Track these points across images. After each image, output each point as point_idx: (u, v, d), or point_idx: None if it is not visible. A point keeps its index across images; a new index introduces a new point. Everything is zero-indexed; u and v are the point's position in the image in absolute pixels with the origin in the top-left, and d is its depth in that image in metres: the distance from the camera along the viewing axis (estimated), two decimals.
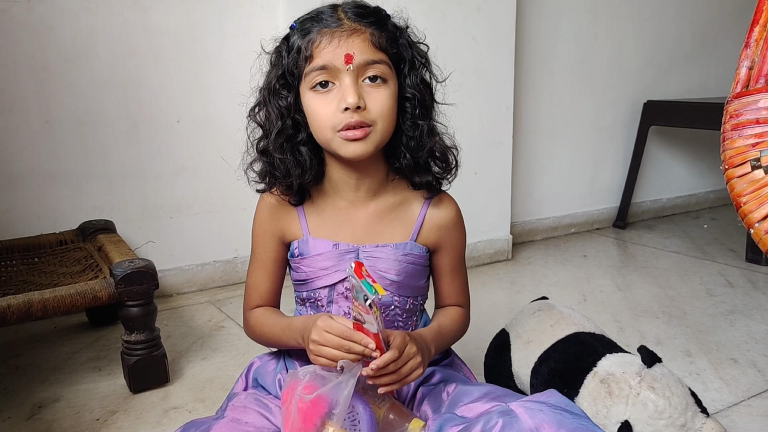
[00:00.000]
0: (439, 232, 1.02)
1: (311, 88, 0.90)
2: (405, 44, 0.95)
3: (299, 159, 0.95)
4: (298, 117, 0.94)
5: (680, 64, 2.82)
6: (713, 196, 3.08)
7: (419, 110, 0.95)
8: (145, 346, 1.31)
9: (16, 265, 1.51)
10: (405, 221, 1.01)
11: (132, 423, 1.22)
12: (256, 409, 0.96)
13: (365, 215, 1.00)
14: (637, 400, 0.99)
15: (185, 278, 1.95)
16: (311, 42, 0.89)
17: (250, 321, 1.06)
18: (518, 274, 2.11)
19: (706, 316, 1.71)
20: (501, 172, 2.21)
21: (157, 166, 1.85)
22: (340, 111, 0.88)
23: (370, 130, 0.90)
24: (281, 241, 1.03)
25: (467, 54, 2.04)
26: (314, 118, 0.92)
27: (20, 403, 1.30)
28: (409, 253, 0.99)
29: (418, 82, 0.95)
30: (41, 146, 1.70)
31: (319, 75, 0.89)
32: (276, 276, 1.05)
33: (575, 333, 1.15)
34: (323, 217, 1.01)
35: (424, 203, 1.02)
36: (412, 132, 0.96)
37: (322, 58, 0.88)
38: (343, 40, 0.87)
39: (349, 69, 0.88)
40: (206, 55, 1.85)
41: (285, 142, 0.94)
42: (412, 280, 1.01)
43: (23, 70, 1.65)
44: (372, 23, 0.90)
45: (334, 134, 0.90)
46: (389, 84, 0.91)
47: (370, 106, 0.89)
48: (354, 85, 0.88)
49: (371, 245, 0.99)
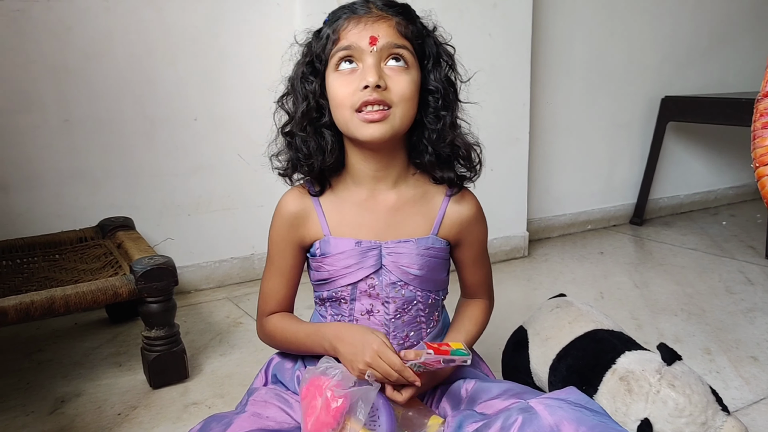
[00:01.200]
0: (461, 228, 1.03)
1: (335, 69, 0.93)
2: (431, 43, 0.97)
3: (321, 142, 0.97)
4: (323, 101, 0.97)
5: (698, 59, 2.79)
6: (732, 193, 3.05)
7: (442, 102, 0.97)
8: (164, 342, 1.33)
9: (37, 262, 1.53)
10: (426, 215, 1.02)
11: (152, 418, 1.23)
12: (277, 404, 0.97)
13: (386, 207, 1.00)
14: (657, 397, 0.99)
15: (203, 275, 1.96)
16: (339, 26, 0.92)
17: (267, 327, 1.05)
18: (535, 271, 2.10)
19: (726, 313, 1.70)
20: (517, 168, 2.21)
21: (174, 164, 1.87)
22: (360, 89, 0.90)
23: (389, 112, 0.91)
24: (300, 247, 1.03)
25: (484, 51, 2.04)
26: (334, 97, 0.93)
27: (43, 397, 1.32)
28: (431, 247, 1.00)
29: (443, 78, 0.97)
30: (60, 145, 1.72)
31: (344, 53, 0.92)
32: (293, 282, 1.06)
33: (594, 330, 1.15)
34: (343, 212, 1.01)
35: (445, 198, 1.03)
36: (434, 125, 0.97)
37: (347, 39, 0.91)
38: (369, 24, 0.91)
39: (372, 50, 0.90)
40: (223, 54, 1.86)
41: (308, 124, 0.97)
42: (434, 273, 1.01)
43: (42, 70, 1.66)
44: (399, 13, 0.93)
45: (353, 114, 0.91)
46: (411, 70, 0.93)
47: (391, 86, 0.91)
48: (376, 66, 0.90)
49: (393, 241, 0.99)
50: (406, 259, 0.98)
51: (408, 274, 0.98)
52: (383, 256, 0.98)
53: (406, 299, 1.00)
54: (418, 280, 0.99)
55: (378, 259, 0.99)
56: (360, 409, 0.84)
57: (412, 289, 1.00)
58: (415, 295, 1.00)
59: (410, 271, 0.98)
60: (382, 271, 0.99)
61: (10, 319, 1.18)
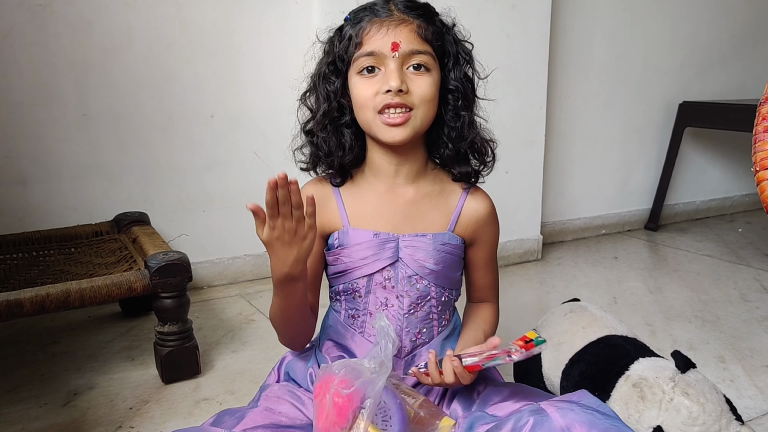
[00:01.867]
0: (476, 226, 1.03)
1: (358, 73, 0.95)
2: (450, 40, 0.99)
3: (342, 140, 1.00)
4: (344, 101, 0.99)
5: (717, 64, 2.77)
6: (748, 200, 3.02)
7: (461, 101, 0.99)
8: (177, 337, 1.33)
9: (53, 255, 1.54)
10: (443, 210, 1.02)
11: (164, 412, 1.24)
12: (290, 400, 0.97)
13: (404, 201, 1.01)
14: (671, 405, 0.98)
15: (216, 271, 1.97)
16: (362, 29, 0.94)
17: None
18: (548, 275, 2.09)
19: (741, 321, 1.68)
20: (532, 171, 2.20)
21: (190, 160, 1.87)
22: (382, 92, 0.92)
23: (411, 114, 0.94)
24: (320, 236, 1.03)
25: (501, 52, 2.03)
26: (357, 99, 0.96)
27: (56, 389, 1.33)
28: (447, 242, 1.01)
29: (462, 76, 0.99)
30: (78, 139, 1.73)
31: (367, 60, 0.94)
32: (315, 271, 1.04)
33: (607, 336, 1.14)
34: (362, 204, 1.02)
35: (462, 194, 1.04)
36: (453, 123, 0.99)
37: (370, 45, 0.93)
38: (391, 29, 0.92)
39: (394, 56, 0.92)
40: (241, 51, 1.87)
41: (330, 123, 0.99)
42: (449, 270, 1.02)
43: (62, 64, 1.68)
44: (420, 15, 0.94)
45: (375, 116, 0.94)
46: (432, 73, 0.95)
47: (413, 90, 0.93)
48: (398, 70, 0.92)
49: (410, 235, 1.00)
50: (422, 254, 0.99)
51: (424, 268, 0.99)
52: (400, 248, 0.99)
53: (421, 294, 1.00)
54: (433, 275, 1.00)
55: (395, 251, 0.99)
56: (369, 406, 0.84)
57: (426, 284, 1.00)
58: (429, 291, 1.00)
59: (426, 266, 0.99)
60: (398, 263, 0.99)
61: (26, 311, 1.19)
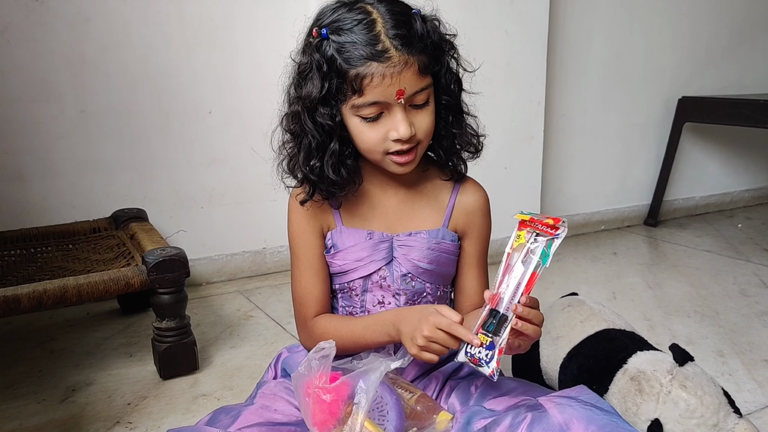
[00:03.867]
0: (467, 218, 1.02)
1: (356, 115, 0.89)
2: (440, 47, 0.92)
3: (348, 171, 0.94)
4: (345, 134, 0.93)
5: (717, 59, 2.76)
6: (748, 195, 3.01)
7: (452, 117, 0.96)
8: (175, 333, 1.33)
9: (51, 251, 1.54)
10: (436, 207, 1.02)
11: (162, 408, 1.24)
12: (285, 397, 0.97)
13: (397, 200, 1.01)
14: (668, 398, 0.97)
15: (215, 268, 1.97)
16: (360, 77, 0.85)
17: (317, 331, 0.99)
18: (547, 271, 2.06)
19: (740, 316, 1.68)
20: (531, 167, 2.19)
21: (188, 156, 1.87)
22: (391, 139, 0.89)
23: (417, 149, 0.92)
24: (323, 234, 1.02)
25: (499, 48, 2.02)
26: (363, 141, 0.91)
27: (54, 385, 1.33)
28: (441, 241, 1.00)
29: (452, 83, 0.95)
30: (76, 135, 1.73)
31: (371, 109, 0.88)
32: (326, 274, 1.02)
33: (605, 329, 1.14)
34: (356, 204, 1.01)
35: (454, 189, 1.03)
36: (444, 131, 0.97)
37: (373, 95, 0.86)
38: (395, 76, 0.85)
39: (400, 102, 0.87)
40: (238, 47, 1.86)
41: (337, 163, 0.93)
42: (444, 268, 1.01)
43: (60, 61, 1.68)
44: (422, 51, 0.87)
45: (383, 157, 0.92)
46: (431, 101, 0.92)
47: (418, 128, 0.90)
48: (405, 117, 0.88)
49: (404, 234, 0.99)
50: (416, 253, 0.98)
51: (418, 268, 0.99)
52: (394, 248, 0.99)
53: (416, 291, 1.00)
54: (427, 273, 0.99)
55: (389, 251, 0.99)
56: (362, 398, 0.83)
57: (421, 282, 1.00)
58: (425, 288, 1.00)
59: (420, 265, 0.99)
60: (393, 263, 0.99)
61: (23, 307, 1.19)
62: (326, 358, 0.86)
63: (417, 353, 0.86)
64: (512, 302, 0.82)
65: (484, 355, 0.81)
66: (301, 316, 1.02)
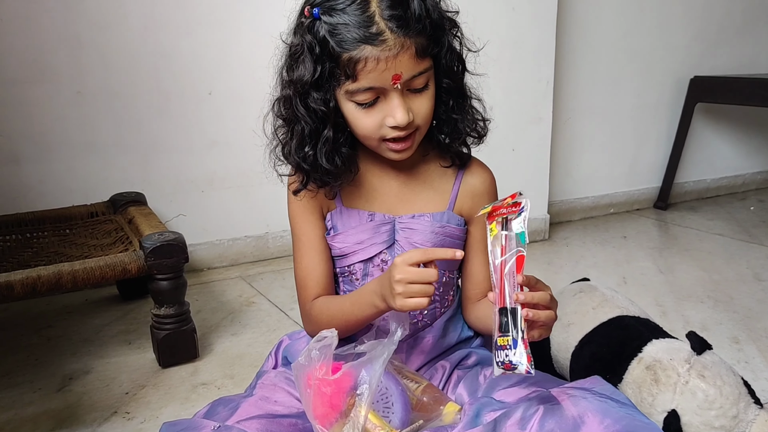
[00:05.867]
0: (473, 201, 0.98)
1: (351, 100, 0.85)
2: (441, 27, 0.86)
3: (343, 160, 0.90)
4: (340, 120, 0.88)
5: (730, 38, 2.69)
6: (760, 177, 2.96)
7: (453, 102, 0.91)
8: (174, 320, 1.30)
9: (47, 237, 1.50)
10: (440, 190, 0.97)
11: (161, 398, 1.21)
12: (285, 388, 0.93)
13: (399, 181, 0.97)
14: (686, 388, 0.94)
15: (216, 253, 1.93)
16: (353, 61, 0.80)
17: (313, 313, 0.96)
18: (555, 255, 2.05)
19: (755, 301, 1.63)
20: (539, 149, 2.14)
21: (189, 139, 1.83)
22: (388, 126, 0.85)
23: (415, 134, 0.88)
24: (323, 215, 0.98)
25: (506, 25, 1.97)
26: (359, 128, 0.87)
27: (51, 374, 1.30)
28: (446, 225, 0.95)
29: (453, 64, 0.89)
30: (73, 117, 1.68)
31: (365, 95, 0.83)
32: (328, 255, 0.98)
33: (619, 316, 1.10)
34: (356, 184, 0.96)
35: (459, 172, 0.98)
36: (446, 121, 0.92)
37: (367, 80, 0.82)
38: (390, 62, 0.80)
39: (396, 87, 0.82)
40: (239, 26, 1.81)
41: (331, 151, 0.89)
42: None
43: (54, 40, 1.63)
44: (420, 32, 0.82)
45: (380, 143, 0.88)
46: (431, 84, 0.87)
47: (416, 113, 0.86)
48: (402, 103, 0.84)
49: (407, 216, 0.95)
50: (419, 236, 0.94)
51: None
52: (396, 231, 0.95)
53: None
54: None
55: (391, 234, 0.95)
56: (365, 388, 0.80)
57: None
58: None
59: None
60: (394, 246, 0.95)
61: (17, 293, 1.15)
62: (327, 348, 0.82)
63: (402, 304, 0.80)
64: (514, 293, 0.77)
65: (512, 355, 0.77)
66: (302, 298, 0.99)
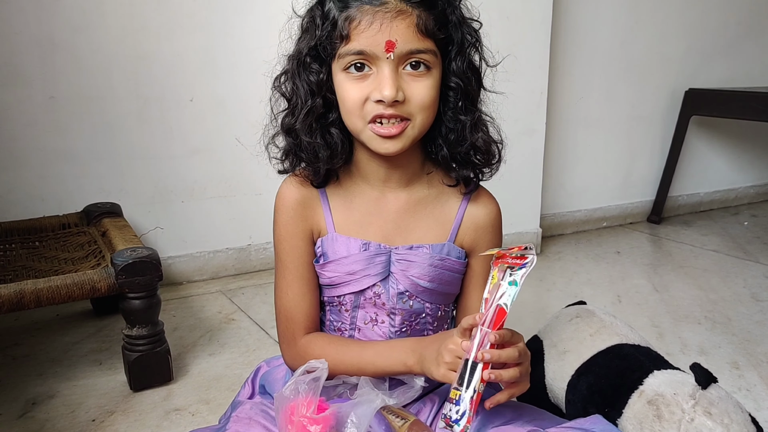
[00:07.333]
0: (476, 233, 0.91)
1: (344, 69, 0.79)
2: (455, 22, 0.81)
3: (329, 141, 0.84)
4: (330, 96, 0.82)
5: (724, 51, 2.66)
6: (753, 192, 2.92)
7: (462, 103, 0.84)
8: (147, 341, 1.22)
9: (15, 249, 1.42)
10: (441, 219, 0.90)
11: (130, 425, 1.13)
12: (262, 422, 0.86)
13: (396, 207, 0.89)
14: (691, 426, 0.87)
15: (196, 266, 1.85)
16: (349, 20, 0.76)
17: (311, 352, 0.88)
18: (548, 271, 1.99)
19: (753, 323, 1.58)
20: (532, 161, 2.09)
21: (168, 146, 1.75)
22: (373, 101, 0.77)
23: (407, 125, 0.79)
24: (312, 239, 0.90)
25: (500, 35, 1.89)
26: (344, 103, 0.80)
27: (14, 398, 1.22)
28: (446, 257, 0.88)
29: (465, 68, 0.82)
30: (45, 123, 1.60)
31: (355, 59, 0.77)
32: (316, 284, 0.91)
33: (618, 344, 1.03)
34: (351, 208, 0.89)
35: (463, 199, 0.91)
36: (452, 125, 0.84)
37: (359, 42, 0.76)
38: (385, 24, 0.75)
39: (389, 57, 0.76)
40: (223, 30, 1.74)
41: (314, 122, 0.83)
42: (447, 287, 0.90)
43: (27, 42, 1.55)
44: (421, 3, 0.77)
45: (365, 126, 0.79)
46: (433, 72, 0.79)
47: (410, 97, 0.78)
48: (393, 76, 0.76)
49: (404, 247, 0.87)
50: (416, 269, 0.87)
51: (417, 286, 0.87)
52: (392, 263, 0.87)
53: (414, 311, 0.89)
54: (427, 292, 0.88)
55: (386, 266, 0.87)
56: (351, 427, 0.74)
57: (420, 301, 0.88)
58: (423, 308, 0.89)
59: (420, 283, 0.87)
60: (389, 279, 0.88)
61: None
62: (316, 382, 0.76)
63: (444, 374, 0.75)
64: (481, 351, 0.71)
65: (454, 412, 0.71)
66: (288, 332, 0.90)
